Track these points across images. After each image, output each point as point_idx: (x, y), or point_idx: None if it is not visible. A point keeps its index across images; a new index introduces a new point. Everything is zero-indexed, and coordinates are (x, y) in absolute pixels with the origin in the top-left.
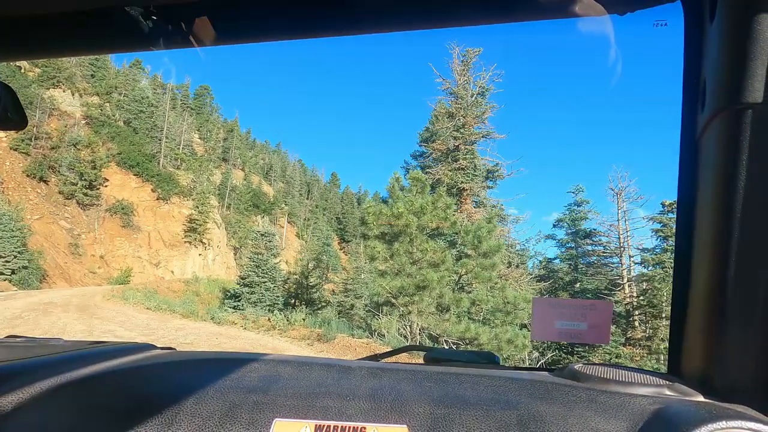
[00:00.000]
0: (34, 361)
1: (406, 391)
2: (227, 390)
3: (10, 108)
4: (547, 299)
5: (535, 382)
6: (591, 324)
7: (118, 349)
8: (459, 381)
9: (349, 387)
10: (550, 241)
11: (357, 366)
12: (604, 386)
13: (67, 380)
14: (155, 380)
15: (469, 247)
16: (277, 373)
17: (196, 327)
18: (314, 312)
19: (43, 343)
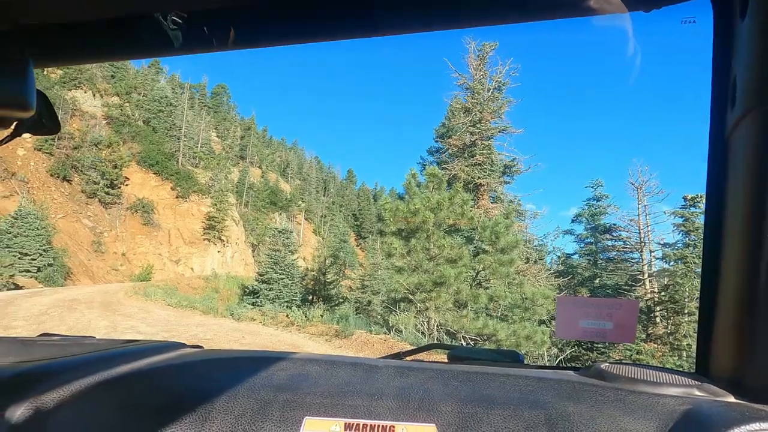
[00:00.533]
0: (71, 359)
1: (434, 390)
2: (258, 388)
3: (45, 114)
4: (571, 298)
5: (562, 381)
6: (617, 323)
7: (149, 348)
8: (486, 380)
9: (377, 386)
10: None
11: (383, 365)
12: (632, 386)
13: (103, 378)
14: (188, 378)
15: (486, 242)
16: (305, 372)
17: (216, 323)
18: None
19: (77, 342)
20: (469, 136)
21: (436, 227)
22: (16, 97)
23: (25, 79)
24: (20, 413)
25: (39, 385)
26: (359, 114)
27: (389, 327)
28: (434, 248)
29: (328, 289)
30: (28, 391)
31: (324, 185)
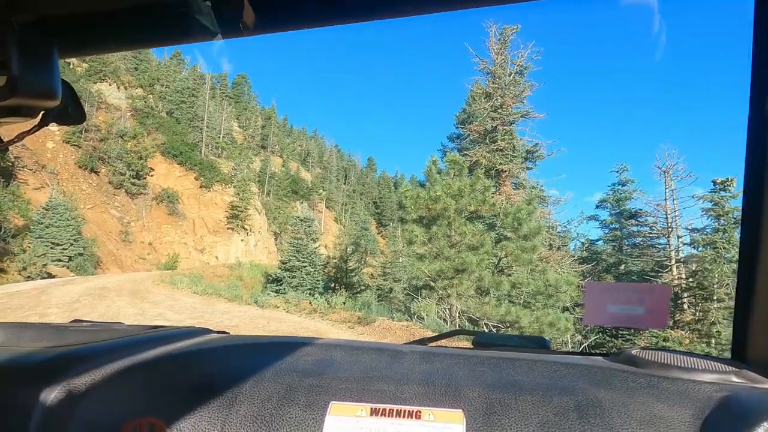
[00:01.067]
0: (102, 344)
1: (460, 375)
2: (284, 373)
3: (71, 104)
4: (600, 283)
5: (592, 367)
6: (648, 308)
7: (177, 333)
8: (513, 366)
9: (402, 371)
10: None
11: (408, 350)
12: (665, 372)
13: (132, 362)
14: (215, 363)
15: (508, 229)
16: (330, 357)
17: (241, 310)
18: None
19: (107, 327)
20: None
21: (457, 214)
22: (42, 87)
23: (51, 70)
24: (53, 396)
25: (71, 369)
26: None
27: (411, 314)
28: (455, 235)
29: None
30: (61, 375)
31: (344, 173)
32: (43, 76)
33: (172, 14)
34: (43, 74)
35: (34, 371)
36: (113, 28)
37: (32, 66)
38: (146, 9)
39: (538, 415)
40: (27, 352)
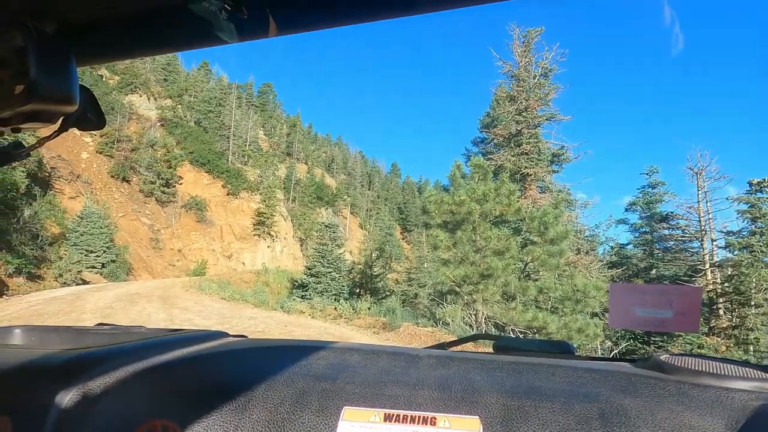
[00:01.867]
0: (118, 347)
1: (477, 380)
2: (297, 377)
3: (90, 109)
4: (626, 284)
5: (617, 373)
6: (678, 311)
7: (193, 337)
8: (533, 371)
9: (418, 376)
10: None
11: (425, 354)
12: (695, 379)
13: (148, 365)
14: (229, 367)
15: (534, 233)
16: (344, 361)
17: (267, 316)
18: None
19: (126, 331)
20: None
21: (482, 219)
22: (60, 93)
23: (69, 75)
24: (69, 398)
25: (87, 372)
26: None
27: (436, 320)
28: (481, 240)
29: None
30: (77, 377)
31: (369, 179)
32: (61, 81)
33: (191, 18)
34: (61, 80)
35: (50, 373)
36: (131, 34)
37: (50, 72)
38: (164, 14)
39: (558, 422)
40: (45, 354)
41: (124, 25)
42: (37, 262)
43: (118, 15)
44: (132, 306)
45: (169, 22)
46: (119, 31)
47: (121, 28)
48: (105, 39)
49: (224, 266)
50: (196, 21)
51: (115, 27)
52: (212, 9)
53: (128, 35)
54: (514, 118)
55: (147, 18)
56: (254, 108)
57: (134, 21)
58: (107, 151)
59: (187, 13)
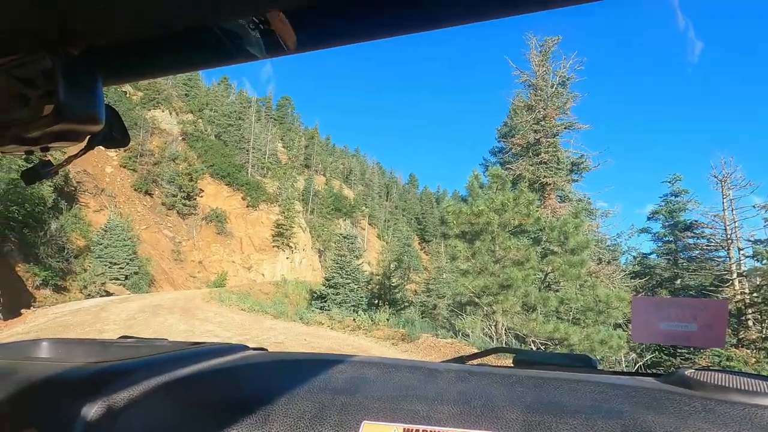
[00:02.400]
0: (142, 360)
1: (497, 395)
2: (316, 391)
3: (115, 127)
4: (649, 298)
5: (641, 389)
6: (702, 325)
7: (214, 350)
8: (554, 386)
9: (437, 390)
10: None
11: (444, 369)
12: (723, 395)
13: (170, 379)
14: (249, 380)
15: (554, 243)
16: (363, 375)
17: (286, 327)
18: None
19: (149, 344)
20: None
21: (501, 229)
22: (86, 113)
23: (95, 96)
24: (94, 411)
25: (112, 385)
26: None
27: (456, 331)
28: (500, 250)
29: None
30: (102, 391)
31: (386, 190)
32: (87, 102)
33: (219, 36)
34: (88, 101)
35: (76, 386)
36: (159, 54)
37: (77, 93)
38: (189, 34)
39: None
40: (70, 367)
41: (151, 45)
42: (62, 275)
43: (145, 36)
44: (154, 317)
45: (193, 42)
46: (146, 52)
47: (148, 49)
48: (132, 60)
49: (244, 277)
50: (224, 39)
51: (142, 48)
52: (242, 27)
53: (156, 55)
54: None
55: (171, 39)
56: (273, 121)
57: (161, 41)
58: (130, 165)
59: (215, 32)
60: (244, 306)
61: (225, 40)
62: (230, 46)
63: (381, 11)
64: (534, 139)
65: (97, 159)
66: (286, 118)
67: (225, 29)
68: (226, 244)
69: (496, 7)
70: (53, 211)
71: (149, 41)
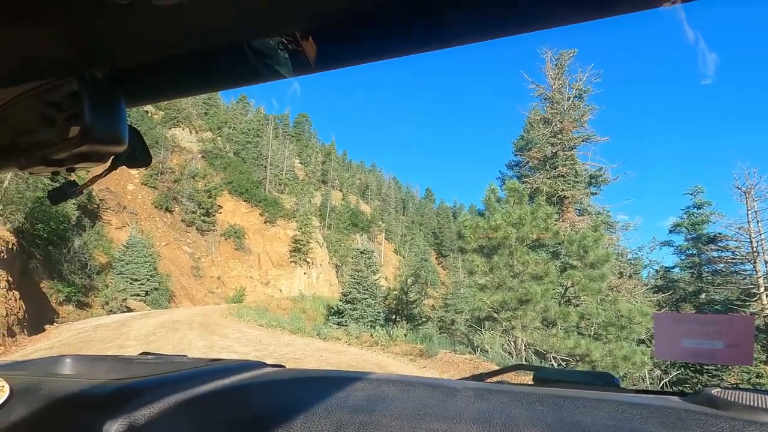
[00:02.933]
0: (163, 377)
1: (517, 415)
2: (334, 409)
3: (138, 148)
4: (671, 314)
5: (665, 408)
6: (728, 342)
7: (233, 367)
8: (575, 405)
9: (456, 409)
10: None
11: (462, 387)
12: (751, 416)
13: (190, 396)
14: (267, 397)
15: (574, 257)
16: (381, 393)
17: (303, 343)
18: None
19: (169, 360)
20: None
21: (518, 243)
22: (111, 134)
23: (119, 118)
24: (116, 428)
25: (133, 402)
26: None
27: (474, 347)
28: (518, 264)
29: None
30: (123, 407)
31: (403, 205)
32: (111, 124)
33: (236, 57)
34: (112, 122)
35: (98, 403)
36: (179, 75)
37: (102, 115)
38: (211, 54)
39: None
40: (93, 384)
41: (174, 67)
42: (85, 291)
43: (167, 58)
44: (174, 333)
45: (214, 62)
46: (169, 73)
47: (170, 71)
48: (154, 80)
49: (262, 293)
50: (249, 58)
51: (165, 68)
52: (267, 46)
53: (178, 77)
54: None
55: (193, 60)
56: (290, 138)
57: (184, 63)
58: (151, 183)
59: (231, 54)
60: (262, 322)
61: (250, 59)
62: (255, 66)
63: (401, 29)
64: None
65: (119, 177)
66: (303, 134)
67: (251, 48)
68: (245, 259)
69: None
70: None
71: (174, 62)
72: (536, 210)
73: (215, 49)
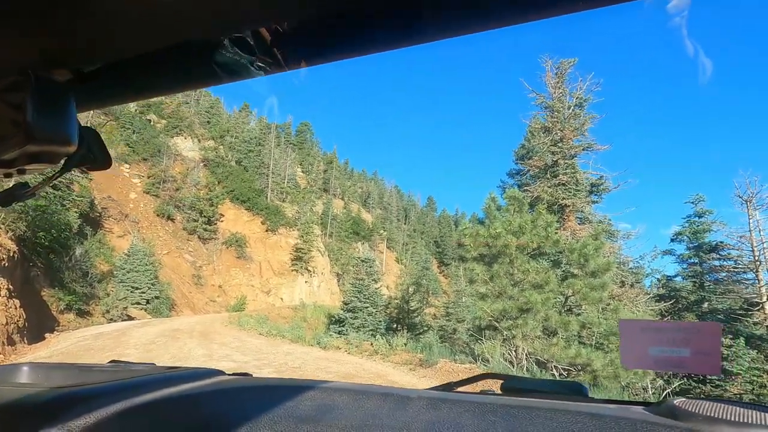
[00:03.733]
0: (108, 386)
1: (467, 425)
2: (281, 419)
3: (95, 149)
4: (637, 321)
5: (622, 419)
6: (695, 350)
7: (187, 375)
8: (529, 415)
9: (404, 419)
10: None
11: (417, 396)
12: (710, 427)
13: (130, 405)
14: (214, 406)
15: (574, 266)
16: (331, 402)
17: (303, 352)
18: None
19: (131, 368)
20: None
21: (519, 251)
22: (57, 134)
23: (65, 117)
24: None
25: (70, 411)
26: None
27: (475, 356)
28: (518, 273)
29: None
30: (59, 417)
31: (405, 213)
32: (58, 123)
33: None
34: (58, 122)
35: (33, 412)
36: (137, 75)
37: (47, 114)
38: (170, 54)
39: None
40: (32, 392)
41: (127, 66)
42: (86, 299)
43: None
44: (173, 342)
45: (174, 62)
46: (122, 73)
47: (123, 70)
48: (110, 82)
49: (263, 301)
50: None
51: (118, 69)
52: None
53: (133, 76)
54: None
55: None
56: (292, 146)
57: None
58: (153, 191)
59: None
60: (263, 330)
61: (215, 58)
62: (220, 64)
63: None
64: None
65: (121, 185)
66: (305, 143)
67: (216, 46)
68: (246, 268)
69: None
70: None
71: (128, 62)
72: (536, 218)
73: (179, 48)
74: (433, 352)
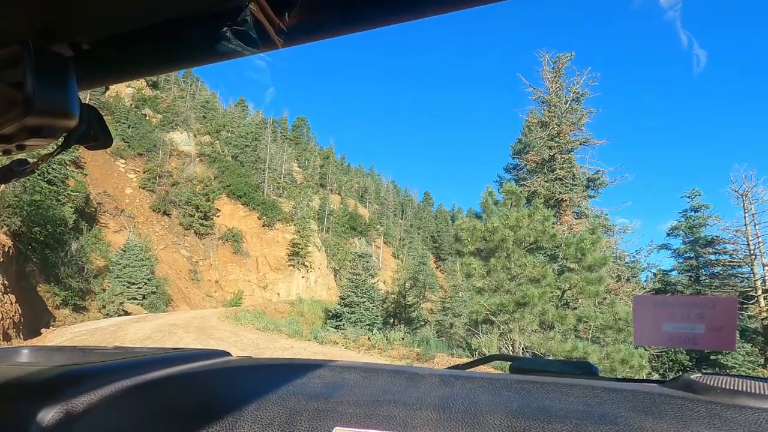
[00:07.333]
0: (109, 364)
1: (481, 400)
2: (289, 396)
3: (95, 127)
4: (652, 297)
5: (639, 393)
6: (710, 326)
7: (192, 355)
8: (545, 390)
9: (417, 395)
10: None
11: (428, 373)
12: (730, 399)
13: (134, 383)
14: (220, 385)
15: (571, 260)
16: (341, 380)
17: (301, 346)
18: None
19: (131, 350)
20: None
21: (516, 246)
22: (57, 106)
23: (65, 88)
24: (51, 416)
25: (71, 389)
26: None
27: (472, 350)
28: (515, 267)
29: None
30: (60, 395)
31: (401, 209)
32: (58, 94)
33: (195, 32)
34: (58, 93)
35: (34, 389)
36: (136, 52)
37: (47, 84)
38: (168, 29)
39: None
40: (32, 371)
41: (125, 41)
42: (82, 294)
43: (121, 32)
44: (170, 336)
45: (172, 37)
46: (125, 49)
47: (126, 46)
48: (110, 57)
49: (260, 297)
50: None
51: (121, 45)
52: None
53: (135, 53)
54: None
55: (151, 33)
56: (289, 141)
57: (137, 37)
58: (149, 187)
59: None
60: (260, 325)
61: (206, 35)
62: (212, 42)
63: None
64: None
65: (117, 181)
66: (301, 138)
67: (205, 23)
68: (242, 263)
69: None
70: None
71: (127, 38)
72: (533, 213)
73: (173, 24)
74: (430, 347)
